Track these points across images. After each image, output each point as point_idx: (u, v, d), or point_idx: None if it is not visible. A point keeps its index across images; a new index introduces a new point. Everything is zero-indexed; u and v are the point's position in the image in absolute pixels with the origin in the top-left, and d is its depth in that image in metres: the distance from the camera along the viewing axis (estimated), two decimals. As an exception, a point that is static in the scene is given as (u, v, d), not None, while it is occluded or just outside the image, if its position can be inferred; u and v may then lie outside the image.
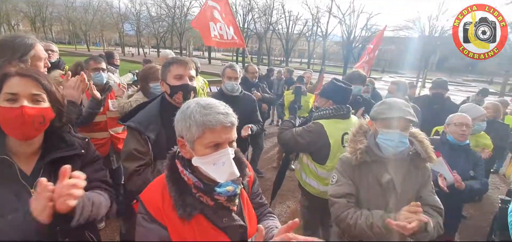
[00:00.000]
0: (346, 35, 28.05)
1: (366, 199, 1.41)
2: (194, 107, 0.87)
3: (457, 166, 2.11)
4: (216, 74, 17.09)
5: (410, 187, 1.41)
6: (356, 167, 1.41)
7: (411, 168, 1.42)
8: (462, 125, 2.14)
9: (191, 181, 0.90)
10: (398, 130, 1.34)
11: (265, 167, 4.61)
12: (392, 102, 1.41)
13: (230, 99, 2.54)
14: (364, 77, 3.08)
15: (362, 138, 1.45)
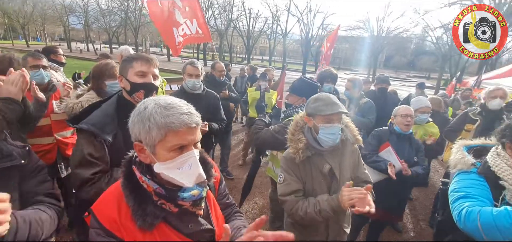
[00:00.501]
0: (304, 34, 29.14)
1: (312, 190, 1.51)
2: (153, 108, 0.79)
3: (403, 153, 2.36)
4: (177, 72, 16.44)
5: (347, 170, 1.56)
6: (300, 164, 1.49)
7: (344, 153, 1.56)
8: (407, 116, 2.37)
9: (151, 188, 0.83)
10: (337, 123, 1.46)
11: (230, 165, 4.57)
12: (326, 98, 1.48)
13: (192, 98, 2.45)
14: (335, 76, 3.23)
15: (301, 135, 1.51)
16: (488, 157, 1.29)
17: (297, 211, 1.43)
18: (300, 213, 1.43)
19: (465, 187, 1.25)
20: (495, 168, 1.21)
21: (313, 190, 1.51)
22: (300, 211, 1.43)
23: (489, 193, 1.20)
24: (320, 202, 1.40)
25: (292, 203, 1.46)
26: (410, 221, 3.51)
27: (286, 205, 1.48)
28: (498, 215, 1.04)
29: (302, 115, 1.60)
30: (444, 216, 1.35)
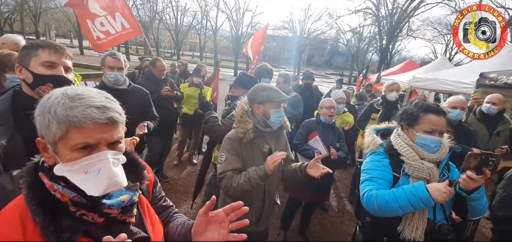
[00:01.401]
0: (234, 31, 29.47)
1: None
2: (57, 98, 0.67)
3: (328, 140, 2.68)
4: (92, 67, 14.38)
5: (279, 150, 1.75)
6: (244, 144, 1.64)
7: (277, 136, 1.81)
8: (331, 107, 2.70)
9: (66, 197, 0.68)
10: (281, 107, 1.70)
11: (165, 166, 4.30)
12: (274, 88, 1.72)
13: (116, 94, 2.20)
14: (271, 71, 3.36)
15: (247, 118, 1.66)
16: (391, 137, 1.57)
17: (232, 183, 1.57)
18: (233, 184, 1.56)
19: (370, 169, 1.49)
20: (396, 146, 1.47)
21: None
22: (234, 183, 1.56)
23: (390, 173, 1.45)
24: (250, 172, 1.56)
25: (229, 178, 1.58)
26: (334, 200, 4.01)
27: (224, 180, 1.60)
28: (390, 199, 1.30)
29: (245, 101, 1.74)
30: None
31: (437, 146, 1.39)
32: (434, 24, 25.60)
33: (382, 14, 25.02)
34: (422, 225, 1.33)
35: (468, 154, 1.22)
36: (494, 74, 4.30)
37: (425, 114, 1.40)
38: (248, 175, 1.55)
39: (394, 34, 24.98)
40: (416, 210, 1.28)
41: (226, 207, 0.83)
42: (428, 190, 1.23)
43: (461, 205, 1.34)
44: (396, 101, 3.59)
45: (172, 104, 3.66)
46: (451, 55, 24.09)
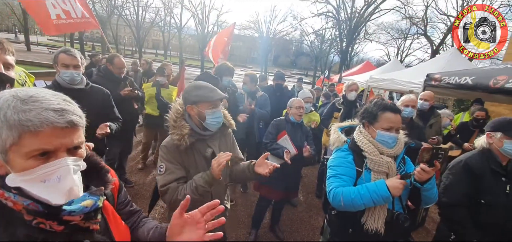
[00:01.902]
0: (200, 29, 28.87)
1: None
2: (6, 100, 0.61)
3: (297, 138, 2.75)
4: (41, 64, 13.01)
5: (225, 150, 1.62)
6: (182, 150, 1.49)
7: (221, 137, 1.69)
8: (300, 107, 2.77)
9: (19, 205, 0.62)
10: (219, 107, 1.56)
11: (128, 171, 4.06)
12: (208, 85, 1.56)
13: (72, 94, 2.01)
14: (232, 69, 3.32)
15: (183, 122, 1.51)
16: (354, 134, 1.67)
17: (177, 196, 1.42)
18: (179, 197, 1.41)
19: (336, 166, 1.57)
20: (359, 143, 1.57)
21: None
22: (180, 195, 1.42)
23: (353, 168, 1.54)
24: (196, 180, 1.44)
25: (173, 190, 1.43)
26: (302, 195, 4.15)
27: (168, 194, 1.43)
28: (354, 198, 1.39)
29: (180, 103, 1.59)
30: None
31: (394, 142, 1.51)
32: (388, 29, 27.91)
33: (342, 18, 26.61)
34: (383, 215, 1.44)
35: (421, 149, 1.35)
36: (438, 75, 4.81)
37: (383, 113, 1.51)
38: (195, 183, 1.43)
39: (353, 37, 26.74)
40: (377, 205, 1.39)
41: (202, 206, 0.81)
42: (388, 188, 1.34)
43: (416, 195, 1.48)
44: (355, 100, 3.83)
45: (132, 105, 3.44)
46: (402, 58, 26.36)
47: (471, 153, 1.94)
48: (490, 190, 1.77)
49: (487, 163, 1.81)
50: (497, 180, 1.78)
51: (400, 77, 6.77)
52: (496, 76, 3.70)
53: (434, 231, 2.53)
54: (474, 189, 1.81)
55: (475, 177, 1.81)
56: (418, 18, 24.00)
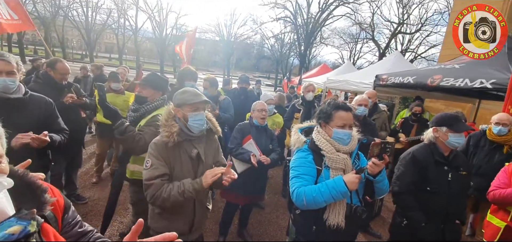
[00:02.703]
0: (158, 32, 27.71)
1: (181, 174, 1.61)
2: None
3: (262, 142, 2.78)
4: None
5: (211, 155, 1.79)
6: (170, 149, 1.58)
7: (208, 141, 1.78)
8: (262, 110, 2.79)
9: None
10: (202, 111, 1.65)
11: (81, 186, 3.70)
12: (192, 90, 1.68)
13: (6, 105, 1.77)
14: (195, 74, 3.24)
15: (173, 122, 1.62)
16: (313, 134, 1.74)
17: (161, 193, 1.49)
18: (164, 195, 1.49)
19: (298, 166, 1.62)
20: (317, 142, 1.63)
21: (182, 174, 1.61)
22: (164, 193, 1.49)
23: (314, 168, 1.60)
24: (185, 184, 1.52)
25: (158, 186, 1.50)
26: (269, 196, 4.21)
27: (151, 189, 1.51)
28: (316, 196, 1.46)
29: (172, 106, 1.68)
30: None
31: (349, 138, 1.61)
32: (340, 34, 30.02)
33: (299, 23, 27.91)
34: (343, 210, 1.52)
35: (371, 144, 1.46)
36: (385, 76, 5.29)
37: (336, 112, 1.60)
38: (183, 187, 1.51)
39: (310, 41, 28.20)
40: (337, 201, 1.46)
41: (157, 237, 0.77)
42: (345, 184, 1.42)
43: (370, 188, 1.60)
44: (313, 101, 4.04)
45: (79, 114, 3.14)
46: (354, 61, 28.47)
47: (418, 146, 2.16)
48: (434, 179, 1.99)
49: (432, 155, 2.04)
50: (440, 170, 2.00)
51: (353, 79, 7.30)
52: (432, 76, 4.19)
53: (390, 219, 2.75)
54: (421, 178, 2.02)
55: (421, 167, 2.03)
56: (366, 24, 26.34)
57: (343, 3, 25.98)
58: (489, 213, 2.24)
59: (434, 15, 24.57)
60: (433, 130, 2.07)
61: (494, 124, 2.91)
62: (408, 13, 23.84)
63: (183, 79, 3.15)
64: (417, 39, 24.78)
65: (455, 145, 1.97)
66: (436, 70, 4.43)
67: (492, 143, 2.95)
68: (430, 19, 23.44)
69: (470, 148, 3.14)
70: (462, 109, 5.84)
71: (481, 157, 3.00)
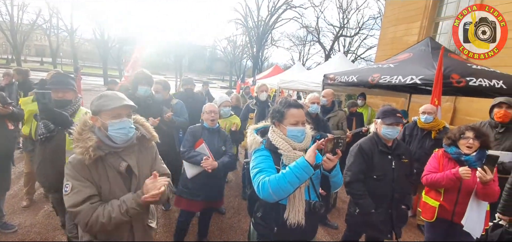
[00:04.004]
0: (99, 34, 25.26)
1: (111, 192, 1.41)
2: None
3: (214, 144, 2.69)
4: None
5: (145, 166, 1.58)
6: (91, 166, 1.36)
7: (141, 150, 1.58)
8: (211, 112, 2.71)
9: None
10: (126, 118, 1.44)
11: (9, 211, 3.12)
12: (111, 94, 1.46)
13: None
14: (150, 77, 3.00)
15: (90, 134, 1.38)
16: (268, 134, 1.73)
17: (98, 218, 1.29)
18: (102, 220, 1.29)
19: (258, 163, 1.59)
20: (274, 142, 1.63)
21: (113, 193, 1.41)
22: (102, 217, 1.29)
23: (273, 163, 1.60)
24: (126, 201, 1.35)
25: (89, 212, 1.29)
26: (230, 200, 4.12)
27: (81, 216, 1.28)
28: (280, 179, 1.42)
29: (89, 115, 1.46)
30: (252, 188, 1.67)
31: (303, 135, 1.65)
32: (290, 36, 31.45)
33: (250, 26, 28.43)
34: (302, 207, 1.54)
35: (325, 139, 1.51)
36: (332, 75, 5.64)
37: (288, 110, 1.62)
38: (126, 206, 1.33)
39: (262, 43, 28.91)
40: (302, 181, 1.41)
41: None
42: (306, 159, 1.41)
43: (326, 182, 1.66)
44: (267, 100, 4.12)
45: (6, 126, 2.69)
46: (304, 62, 30.04)
47: (365, 137, 2.36)
48: (379, 167, 2.19)
49: (376, 145, 2.24)
50: (384, 158, 2.21)
51: (304, 79, 7.67)
52: (372, 74, 4.60)
53: (344, 210, 2.91)
54: (368, 167, 2.21)
55: (367, 157, 2.21)
56: (312, 27, 28.10)
57: (290, 7, 27.33)
58: (424, 194, 2.53)
59: (369, 20, 27.55)
60: (374, 122, 2.29)
61: (421, 113, 3.34)
62: (348, 18, 26.19)
63: (137, 84, 2.92)
64: (356, 41, 27.38)
65: (386, 136, 2.19)
66: (375, 69, 4.88)
67: (423, 131, 3.36)
68: (366, 23, 26.16)
69: (406, 137, 3.54)
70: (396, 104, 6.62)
71: (415, 144, 3.41)
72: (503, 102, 2.86)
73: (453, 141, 2.32)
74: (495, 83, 3.48)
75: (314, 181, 1.64)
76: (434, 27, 9.81)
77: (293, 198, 1.53)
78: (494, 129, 2.88)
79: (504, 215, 2.33)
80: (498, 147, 2.78)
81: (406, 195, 2.30)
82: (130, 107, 1.46)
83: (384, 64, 5.03)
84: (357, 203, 2.25)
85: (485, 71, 3.81)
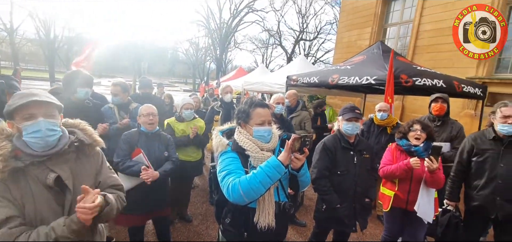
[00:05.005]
0: (43, 33, 22.73)
1: (37, 212, 1.17)
2: None
3: (154, 150, 2.47)
4: None
5: (86, 178, 1.33)
6: (9, 181, 1.13)
7: (81, 158, 1.35)
8: (149, 114, 2.44)
9: None
10: (42, 118, 1.20)
11: None
12: (22, 92, 1.25)
13: None
14: (89, 78, 2.70)
15: (4, 143, 1.17)
16: (235, 136, 1.69)
17: None
18: None
19: (226, 166, 1.53)
20: (240, 143, 1.58)
21: (39, 212, 1.17)
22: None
23: (241, 164, 1.56)
24: (56, 228, 1.10)
25: (6, 238, 1.05)
26: (196, 207, 3.97)
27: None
28: (251, 180, 1.39)
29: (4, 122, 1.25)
30: (219, 194, 1.60)
31: (270, 135, 1.63)
32: (252, 39, 31.83)
33: (212, 27, 28.15)
34: (272, 208, 1.52)
35: (292, 139, 1.51)
36: (295, 77, 5.81)
37: (254, 109, 1.60)
38: (54, 235, 1.10)
39: (225, 45, 28.79)
40: (273, 181, 1.39)
41: None
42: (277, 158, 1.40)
43: (294, 182, 1.66)
44: (232, 102, 4.07)
45: None
46: (267, 64, 30.63)
47: (329, 135, 2.46)
48: (342, 163, 2.30)
49: (339, 142, 2.35)
50: (347, 154, 2.32)
51: (268, 80, 7.79)
52: (332, 76, 4.83)
53: (311, 207, 2.98)
54: (332, 163, 2.30)
55: (331, 153, 2.30)
56: (274, 31, 28.85)
57: (252, 10, 27.70)
58: (382, 186, 2.71)
59: (326, 25, 29.22)
60: (337, 120, 2.40)
61: (378, 111, 3.59)
62: (307, 22, 27.46)
63: (73, 85, 2.61)
64: (315, 45, 28.83)
65: (347, 131, 2.32)
66: (334, 71, 5.13)
67: (379, 127, 3.62)
68: (324, 28, 27.78)
69: (364, 133, 3.78)
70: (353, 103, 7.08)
71: (372, 139, 3.65)
72: (438, 97, 3.25)
73: (403, 134, 2.53)
74: (436, 83, 3.91)
75: (282, 181, 1.63)
76: (383, 33, 10.75)
77: (262, 200, 1.51)
78: (433, 123, 3.22)
79: (451, 201, 2.60)
80: (437, 139, 3.12)
81: (369, 188, 2.44)
82: (48, 105, 1.22)
83: (342, 66, 5.32)
84: (323, 199, 2.33)
85: (428, 72, 4.26)
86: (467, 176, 2.53)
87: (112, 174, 1.51)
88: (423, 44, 9.02)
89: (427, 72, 4.20)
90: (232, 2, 27.16)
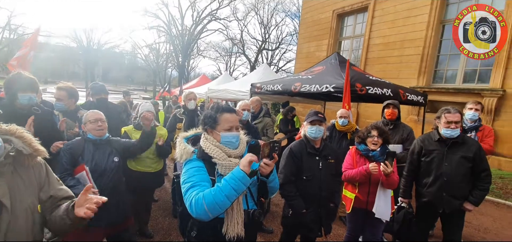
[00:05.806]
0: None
1: None
2: None
3: (104, 159, 2.27)
4: None
5: (26, 193, 1.18)
6: None
7: (18, 171, 1.18)
8: (98, 120, 2.28)
9: None
10: None
11: None
12: None
13: None
14: (34, 82, 2.35)
15: None
16: (200, 142, 1.61)
17: None
18: None
19: (190, 177, 1.44)
20: (207, 150, 1.51)
21: None
22: None
23: (207, 174, 1.48)
24: None
25: None
26: (158, 221, 3.71)
27: None
28: (215, 194, 1.32)
29: None
30: (183, 205, 1.49)
31: (238, 140, 1.59)
32: (216, 47, 31.71)
33: (174, 34, 27.33)
34: (241, 218, 1.46)
35: (262, 144, 1.48)
36: (259, 84, 5.89)
37: (221, 115, 1.55)
38: None
39: (187, 52, 28.12)
40: (239, 193, 1.34)
41: None
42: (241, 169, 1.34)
43: (264, 188, 1.63)
44: (196, 109, 3.96)
45: None
46: (231, 72, 30.68)
47: (296, 141, 2.51)
48: (308, 168, 2.34)
49: (305, 147, 2.39)
50: (312, 160, 2.37)
51: (232, 88, 7.77)
52: (294, 84, 5.00)
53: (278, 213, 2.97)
54: (298, 169, 2.33)
55: (297, 159, 2.34)
56: (237, 39, 29.14)
57: (215, 18, 27.58)
58: (344, 188, 2.83)
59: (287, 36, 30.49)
60: (302, 125, 2.46)
61: (339, 118, 3.78)
62: (269, 33, 28.28)
63: (14, 91, 2.27)
64: (277, 55, 29.77)
65: (311, 135, 2.39)
66: (296, 79, 5.31)
67: (340, 133, 3.81)
68: (285, 39, 28.87)
69: (326, 139, 3.94)
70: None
71: (334, 145, 3.81)
72: (390, 103, 3.65)
73: (362, 139, 2.68)
74: (385, 91, 4.33)
75: (251, 188, 1.59)
76: (338, 45, 11.57)
77: (231, 210, 1.44)
78: (386, 126, 3.52)
79: (404, 198, 2.82)
80: (391, 141, 3.40)
81: (334, 193, 2.52)
82: None
83: (304, 75, 5.54)
84: (289, 204, 2.34)
85: (378, 81, 4.66)
86: (417, 175, 2.77)
87: (60, 186, 1.35)
88: (373, 56, 9.89)
89: (378, 82, 4.59)
90: (194, 9, 26.78)
